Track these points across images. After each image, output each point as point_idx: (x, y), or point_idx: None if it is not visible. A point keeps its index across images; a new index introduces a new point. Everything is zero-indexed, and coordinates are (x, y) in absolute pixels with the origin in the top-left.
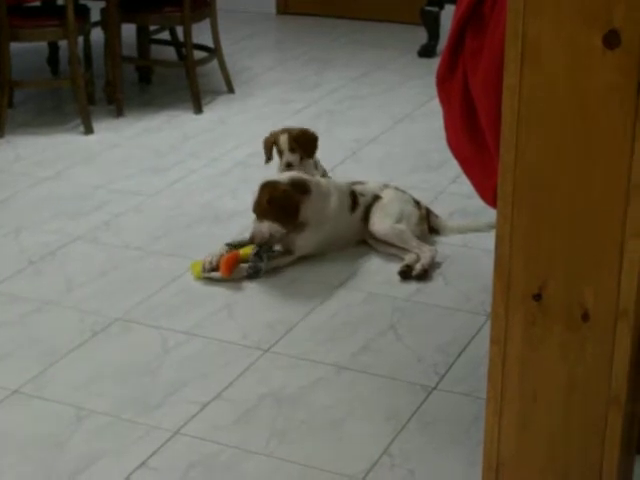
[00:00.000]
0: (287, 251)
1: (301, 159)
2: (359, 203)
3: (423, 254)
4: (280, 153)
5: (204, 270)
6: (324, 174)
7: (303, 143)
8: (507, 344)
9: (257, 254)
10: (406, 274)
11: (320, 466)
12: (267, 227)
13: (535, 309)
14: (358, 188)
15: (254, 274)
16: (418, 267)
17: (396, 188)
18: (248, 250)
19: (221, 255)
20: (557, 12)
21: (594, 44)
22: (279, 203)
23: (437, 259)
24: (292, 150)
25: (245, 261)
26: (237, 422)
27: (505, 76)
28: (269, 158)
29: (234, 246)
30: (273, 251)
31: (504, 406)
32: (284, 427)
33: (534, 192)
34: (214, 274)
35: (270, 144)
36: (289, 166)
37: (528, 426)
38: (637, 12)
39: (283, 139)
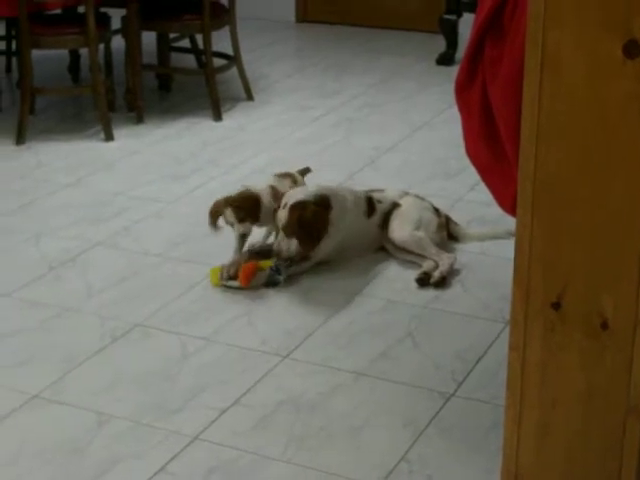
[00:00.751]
0: (304, 257)
1: (252, 222)
2: (376, 209)
3: (442, 261)
4: (230, 224)
5: (222, 278)
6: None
7: (248, 208)
8: (526, 351)
9: (276, 269)
10: (423, 281)
11: (338, 472)
12: (295, 245)
13: (554, 317)
14: (376, 195)
15: (272, 285)
16: (436, 274)
17: (416, 195)
18: (268, 262)
19: (240, 264)
20: (577, 22)
21: (614, 54)
22: (309, 224)
23: (456, 266)
24: (241, 221)
25: (263, 271)
26: (256, 428)
27: (525, 85)
28: (215, 228)
29: (255, 252)
30: (291, 265)
31: (523, 413)
32: (302, 433)
33: (553, 201)
34: (232, 282)
35: (216, 215)
36: (244, 237)
37: (547, 434)
38: None
39: (228, 213)
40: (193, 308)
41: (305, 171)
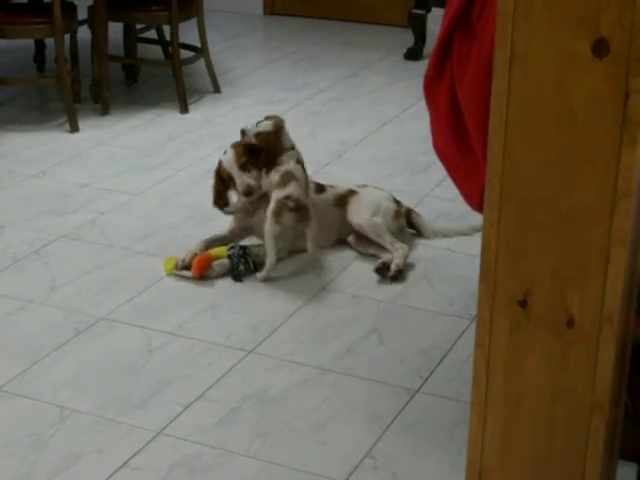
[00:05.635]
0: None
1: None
2: (326, 189)
3: (396, 252)
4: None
5: (176, 267)
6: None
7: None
8: (492, 349)
9: (230, 257)
10: (382, 271)
11: (303, 468)
12: (254, 176)
13: (520, 315)
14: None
15: (237, 277)
16: (392, 268)
17: (374, 187)
18: (221, 251)
19: (195, 254)
20: (546, 19)
21: (583, 52)
22: (260, 148)
23: (420, 262)
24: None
25: (220, 259)
26: (220, 423)
27: (493, 82)
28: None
29: (212, 241)
30: (247, 253)
31: (488, 410)
32: (267, 429)
33: (520, 198)
34: (185, 272)
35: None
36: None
37: (512, 431)
38: (626, 21)
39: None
40: (158, 302)
41: None
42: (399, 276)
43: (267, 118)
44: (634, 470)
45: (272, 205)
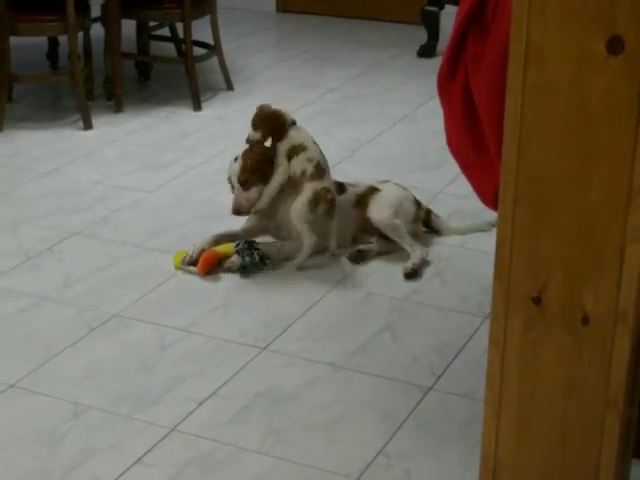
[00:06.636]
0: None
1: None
2: (346, 189)
3: (414, 253)
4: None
5: (183, 262)
6: None
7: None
8: (506, 346)
9: (238, 252)
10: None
11: (316, 465)
12: (254, 194)
13: (535, 312)
14: (348, 183)
15: (243, 272)
16: (408, 265)
17: (397, 184)
18: (228, 248)
19: (203, 250)
20: (561, 17)
21: (597, 49)
22: (257, 161)
23: (435, 259)
24: (255, 127)
25: (226, 259)
26: (233, 420)
27: (508, 80)
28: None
29: (223, 237)
30: (256, 248)
31: (502, 408)
32: (280, 426)
33: (535, 195)
34: (191, 268)
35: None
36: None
37: (526, 429)
38: None
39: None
40: (171, 299)
41: None
42: (414, 275)
43: (255, 117)
44: None
45: (308, 194)
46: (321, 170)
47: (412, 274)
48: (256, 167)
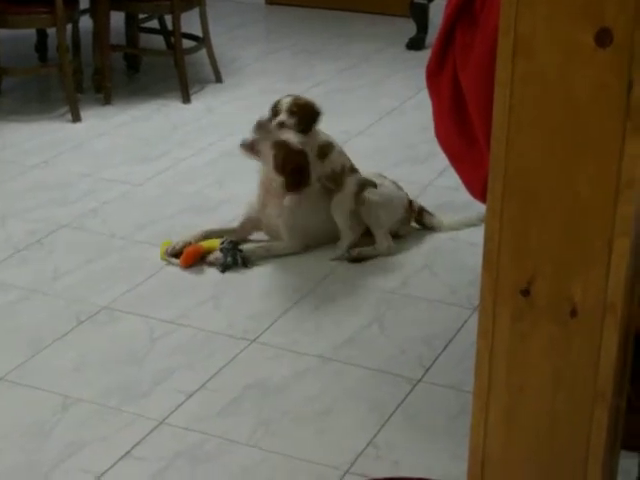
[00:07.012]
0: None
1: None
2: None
3: (378, 245)
4: (276, 115)
5: (167, 252)
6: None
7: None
8: (494, 338)
9: (222, 250)
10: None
11: (305, 457)
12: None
13: (523, 304)
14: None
15: (223, 269)
16: (356, 250)
17: (393, 182)
18: (214, 244)
19: (188, 243)
20: (550, 8)
21: (586, 42)
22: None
23: (423, 252)
24: (291, 113)
25: (209, 254)
26: (222, 412)
27: (497, 71)
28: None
29: (213, 233)
30: (239, 248)
31: (490, 400)
32: (269, 417)
33: (524, 187)
34: (173, 260)
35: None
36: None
37: (514, 421)
38: (629, 10)
39: (286, 101)
40: (160, 291)
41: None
42: (357, 260)
43: (294, 104)
44: (636, 460)
45: (353, 187)
46: (351, 164)
47: (355, 259)
48: (294, 170)
